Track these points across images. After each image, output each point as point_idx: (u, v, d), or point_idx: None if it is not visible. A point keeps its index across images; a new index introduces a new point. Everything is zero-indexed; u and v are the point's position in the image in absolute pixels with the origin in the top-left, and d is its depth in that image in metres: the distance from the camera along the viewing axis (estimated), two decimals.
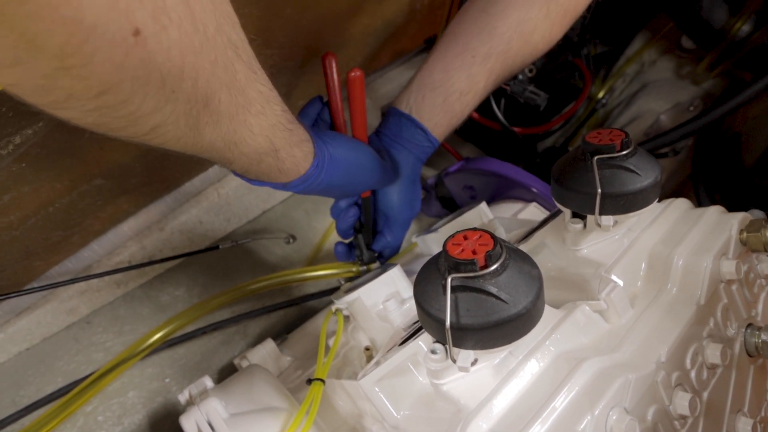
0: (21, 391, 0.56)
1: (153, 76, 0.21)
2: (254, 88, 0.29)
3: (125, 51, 0.20)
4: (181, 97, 0.24)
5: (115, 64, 0.20)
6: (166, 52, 0.21)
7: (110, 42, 0.19)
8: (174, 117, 0.24)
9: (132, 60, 0.20)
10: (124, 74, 0.20)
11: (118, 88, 0.21)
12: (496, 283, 0.26)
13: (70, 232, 0.54)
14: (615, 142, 0.35)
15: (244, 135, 0.30)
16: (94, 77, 0.20)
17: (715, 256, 0.34)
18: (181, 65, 0.22)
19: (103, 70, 0.20)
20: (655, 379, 0.28)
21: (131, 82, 0.21)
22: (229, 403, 0.43)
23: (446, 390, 0.29)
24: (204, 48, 0.23)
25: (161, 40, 0.21)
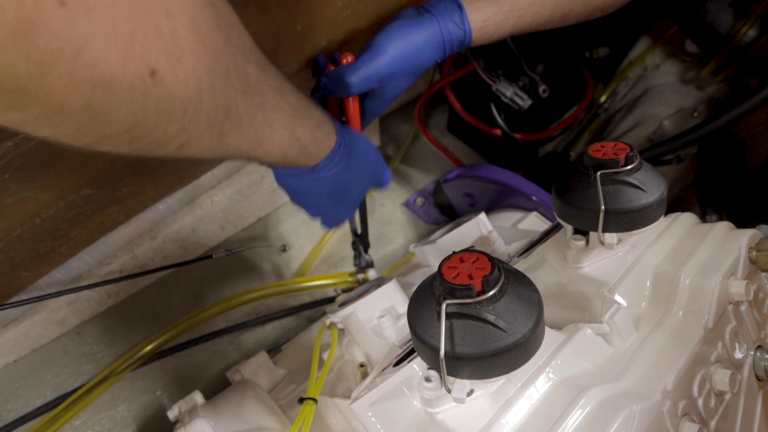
0: (8, 404, 0.55)
1: (174, 105, 0.23)
2: (266, 85, 0.30)
3: (144, 91, 0.21)
4: (202, 114, 0.25)
5: (137, 104, 0.21)
6: (183, 81, 0.22)
7: (130, 87, 0.20)
8: (198, 132, 0.25)
9: (152, 97, 0.21)
10: (146, 110, 0.22)
11: (144, 123, 0.22)
12: (493, 309, 0.25)
13: (57, 243, 0.53)
14: (619, 156, 0.33)
15: (265, 132, 0.31)
16: (121, 119, 0.21)
17: (724, 275, 0.32)
18: (197, 88, 0.23)
19: (128, 112, 0.21)
20: (660, 409, 0.27)
21: (155, 114, 0.22)
22: (218, 422, 0.42)
23: (441, 419, 0.28)
24: (216, 65, 0.24)
25: (177, 73, 0.22)
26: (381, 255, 0.73)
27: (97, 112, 0.20)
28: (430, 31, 0.45)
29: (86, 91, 0.19)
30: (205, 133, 0.26)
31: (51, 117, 0.19)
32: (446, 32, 0.45)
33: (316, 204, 0.46)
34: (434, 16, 0.45)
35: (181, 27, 0.21)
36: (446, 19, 0.45)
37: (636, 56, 0.91)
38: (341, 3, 0.54)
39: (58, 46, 0.17)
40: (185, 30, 0.21)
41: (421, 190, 0.80)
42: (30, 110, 0.19)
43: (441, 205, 0.76)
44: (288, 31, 0.52)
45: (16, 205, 0.43)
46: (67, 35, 0.17)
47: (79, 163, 0.45)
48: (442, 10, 0.45)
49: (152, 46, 0.20)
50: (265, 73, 0.30)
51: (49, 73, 0.17)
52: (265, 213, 0.72)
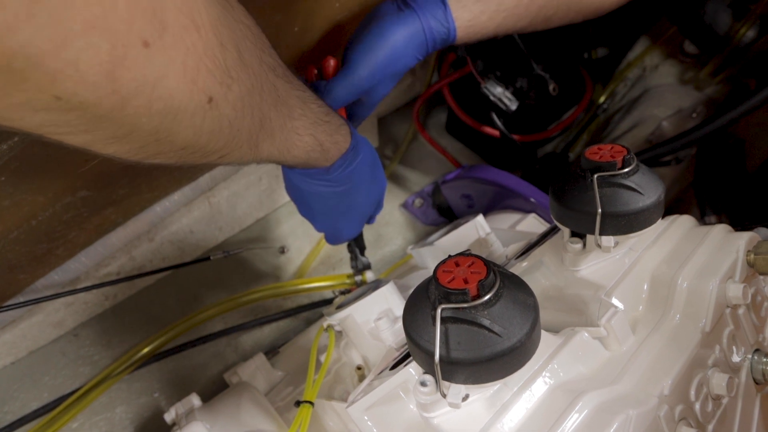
0: (5, 407, 0.55)
1: (222, 124, 0.25)
2: (292, 96, 0.33)
3: (203, 116, 0.23)
4: (243, 130, 0.27)
5: (195, 128, 0.24)
6: (232, 104, 0.25)
7: (192, 114, 0.23)
8: (239, 144, 0.28)
9: (207, 120, 0.24)
10: (202, 131, 0.24)
11: (198, 141, 0.25)
12: (489, 314, 0.25)
13: (55, 245, 0.53)
14: (616, 158, 0.33)
15: (293, 139, 0.34)
16: (179, 140, 0.24)
17: (721, 279, 0.32)
18: (242, 108, 0.26)
19: (186, 135, 0.24)
20: (657, 413, 0.27)
21: (208, 134, 0.25)
22: (214, 425, 0.42)
23: (436, 424, 0.28)
24: (254, 85, 0.27)
25: (228, 98, 0.24)
26: (379, 256, 0.73)
27: (162, 135, 0.23)
28: (412, 29, 0.43)
29: (157, 119, 0.21)
30: (243, 144, 0.28)
31: (121, 139, 0.22)
32: (428, 29, 0.44)
33: (324, 212, 0.46)
34: (415, 11, 0.43)
35: (230, 57, 0.24)
36: (429, 16, 0.43)
37: (635, 57, 0.91)
38: (338, 4, 0.54)
39: (139, 81, 0.19)
40: (233, 59, 0.24)
41: (420, 191, 0.80)
42: (103, 133, 0.21)
43: (439, 206, 0.76)
44: (286, 32, 0.52)
45: (12, 207, 0.43)
46: (148, 71, 0.20)
47: (76, 165, 0.45)
48: (423, 5, 0.44)
49: (211, 76, 0.23)
50: (291, 85, 0.33)
51: (129, 104, 0.20)
52: (263, 214, 0.72)
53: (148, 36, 0.19)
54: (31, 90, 0.17)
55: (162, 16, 0.19)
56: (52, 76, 0.17)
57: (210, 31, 0.22)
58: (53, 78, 0.17)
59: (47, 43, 0.16)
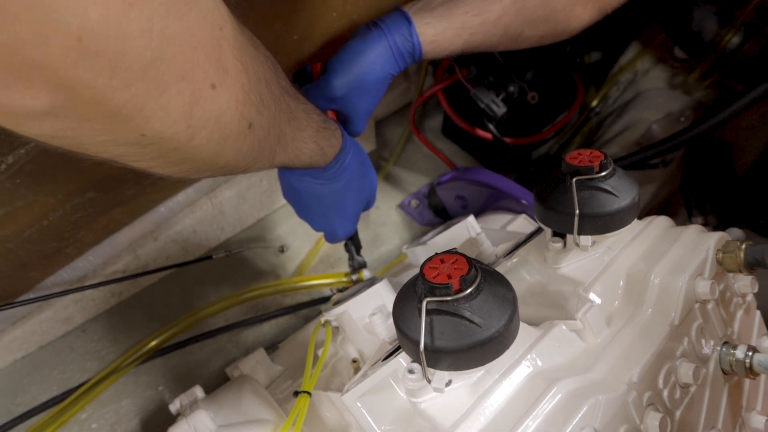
0: (17, 399, 0.57)
1: (255, 145, 0.29)
2: (300, 110, 0.37)
3: (243, 140, 0.27)
4: (267, 145, 0.31)
5: (236, 151, 0.27)
6: (264, 128, 0.29)
7: (236, 140, 0.26)
8: (261, 158, 0.32)
9: (247, 143, 0.28)
10: (240, 153, 0.28)
11: (235, 162, 0.29)
12: (470, 306, 0.27)
13: (64, 244, 0.55)
14: (594, 163, 0.36)
15: (301, 147, 0.39)
16: (223, 161, 0.27)
17: (691, 276, 0.34)
18: (268, 128, 0.30)
19: (229, 156, 0.27)
20: (626, 399, 0.29)
21: (244, 155, 0.29)
22: (217, 414, 0.44)
23: (423, 408, 0.30)
24: (276, 108, 0.30)
25: (262, 123, 0.28)
26: (376, 255, 0.75)
27: (214, 158, 0.26)
28: (379, 46, 0.48)
29: (214, 145, 0.25)
30: (265, 157, 0.32)
31: (180, 163, 0.25)
32: (394, 45, 0.48)
33: (320, 210, 0.50)
34: (382, 30, 0.48)
35: (263, 89, 0.28)
36: (394, 33, 0.48)
37: (627, 61, 0.93)
38: (336, 14, 0.56)
39: (207, 117, 0.23)
40: (265, 90, 0.28)
41: (416, 192, 0.82)
42: (167, 160, 0.25)
43: (435, 207, 0.78)
44: (285, 40, 0.55)
45: (25, 207, 0.46)
46: (214, 108, 0.23)
47: (85, 168, 0.48)
48: (390, 24, 0.48)
49: (253, 107, 0.26)
50: (298, 101, 0.37)
51: (197, 135, 0.23)
52: (263, 215, 0.74)
53: (216, 80, 0.23)
54: (124, 131, 0.21)
55: (225, 63, 0.23)
56: (147, 118, 0.20)
57: (251, 70, 0.26)
58: (147, 120, 0.21)
59: (151, 93, 0.20)
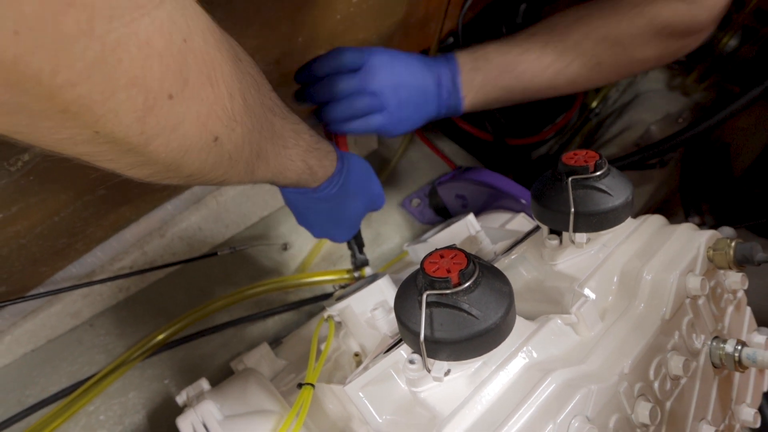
0: (27, 390, 0.59)
1: (224, 157, 0.29)
2: (287, 129, 0.38)
3: (208, 152, 0.28)
4: (241, 160, 0.31)
5: (201, 161, 0.28)
6: (234, 143, 0.29)
7: (199, 151, 0.27)
8: (236, 172, 0.32)
9: (212, 156, 0.28)
10: (207, 163, 0.28)
11: (202, 171, 0.29)
12: (468, 299, 0.28)
13: (74, 240, 0.56)
14: (589, 163, 0.37)
15: (286, 165, 0.39)
16: (187, 170, 0.28)
17: (682, 272, 0.35)
18: (241, 143, 0.30)
19: (193, 166, 0.28)
20: (617, 389, 0.30)
21: (211, 165, 0.29)
22: (223, 405, 0.45)
23: (423, 397, 0.31)
24: (255, 125, 0.31)
25: (231, 138, 0.29)
26: (378, 253, 0.77)
27: (173, 166, 0.27)
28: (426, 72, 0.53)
29: (173, 153, 0.26)
30: (241, 171, 0.33)
31: (141, 167, 0.26)
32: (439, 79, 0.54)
33: (318, 222, 0.52)
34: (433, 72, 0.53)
35: (236, 105, 0.28)
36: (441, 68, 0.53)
37: None
38: (340, 16, 0.57)
39: (162, 126, 0.24)
40: (239, 106, 0.28)
41: (417, 191, 0.83)
42: (127, 162, 0.25)
43: (435, 206, 0.79)
44: (290, 43, 0.56)
45: (38, 204, 0.47)
46: (170, 118, 0.24)
47: (96, 167, 0.49)
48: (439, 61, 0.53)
49: (219, 121, 0.27)
50: (286, 120, 0.38)
51: (152, 142, 0.24)
52: (267, 213, 0.76)
53: (173, 90, 0.23)
54: (77, 128, 0.21)
55: (186, 74, 0.23)
56: (96, 118, 0.21)
57: (222, 85, 0.26)
58: (97, 120, 0.21)
59: (98, 95, 0.20)
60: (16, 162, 0.39)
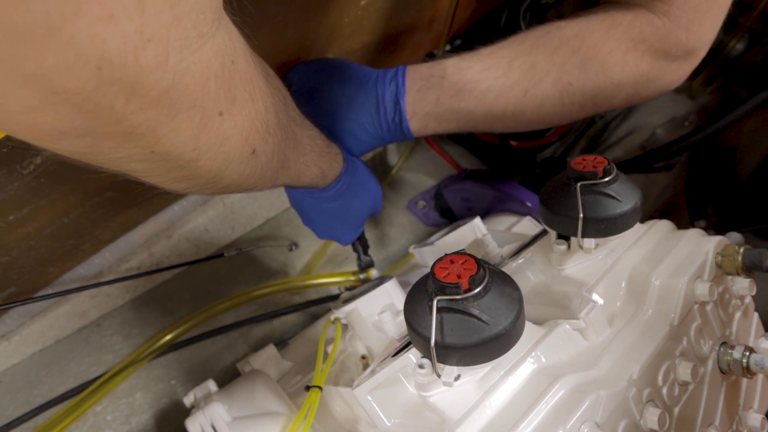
0: (34, 390, 0.59)
1: (257, 169, 0.31)
2: (305, 136, 0.39)
3: (246, 164, 0.29)
4: (270, 170, 0.33)
5: (239, 173, 0.29)
6: (268, 155, 0.30)
7: (239, 164, 0.28)
8: (263, 180, 0.33)
9: (249, 168, 0.29)
10: (243, 175, 0.30)
11: (238, 183, 0.30)
12: (478, 305, 0.29)
13: (82, 241, 0.57)
14: (598, 169, 0.37)
15: (303, 170, 0.40)
16: (225, 182, 0.29)
17: (690, 278, 0.36)
18: (273, 154, 0.31)
19: (231, 178, 0.29)
20: (626, 395, 0.30)
21: (245, 178, 0.30)
22: (231, 406, 0.45)
23: (432, 402, 0.31)
24: (282, 136, 0.32)
25: (266, 150, 0.30)
26: (383, 255, 0.77)
27: (216, 179, 0.28)
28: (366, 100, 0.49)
29: (217, 167, 0.27)
30: (267, 179, 0.34)
31: (184, 180, 0.27)
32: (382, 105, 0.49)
33: (323, 221, 0.52)
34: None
35: (271, 118, 0.29)
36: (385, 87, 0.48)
37: None
38: (347, 19, 0.57)
39: (213, 141, 0.25)
40: (272, 119, 0.30)
41: (422, 193, 0.83)
42: (173, 176, 0.26)
43: (441, 208, 0.80)
44: (298, 46, 0.56)
45: (48, 205, 0.47)
46: (220, 133, 0.25)
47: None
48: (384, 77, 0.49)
49: (258, 134, 0.28)
50: (303, 128, 0.39)
51: (202, 157, 0.25)
52: (273, 214, 0.76)
53: (224, 108, 0.24)
54: (138, 148, 0.22)
55: (234, 93, 0.24)
56: (158, 139, 0.22)
57: (260, 100, 0.27)
58: (158, 140, 0.22)
59: (164, 117, 0.21)
60: (28, 165, 0.39)
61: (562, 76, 0.46)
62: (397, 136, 0.49)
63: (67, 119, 0.20)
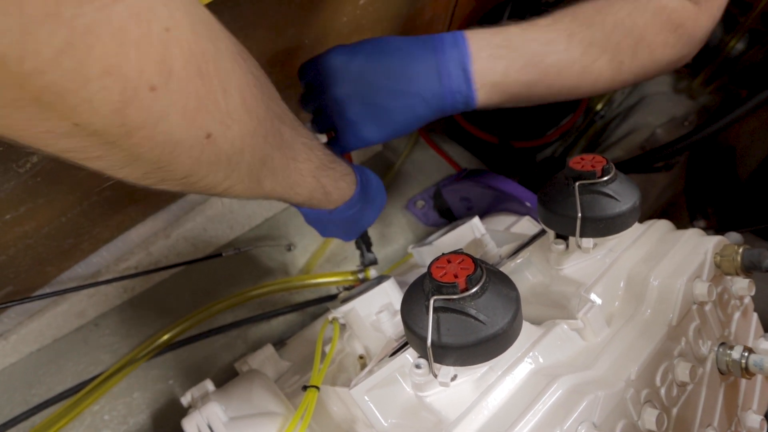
0: (32, 390, 0.59)
1: (220, 158, 0.28)
2: (298, 142, 0.36)
3: (200, 149, 0.26)
4: (243, 165, 0.30)
5: (193, 159, 0.26)
6: (230, 142, 0.28)
7: (190, 147, 0.25)
8: (239, 179, 0.31)
9: (206, 154, 0.27)
10: (201, 163, 0.27)
11: (197, 172, 0.28)
12: (475, 305, 0.28)
13: (80, 240, 0.57)
14: (596, 168, 0.37)
15: (296, 179, 0.37)
16: (179, 170, 0.26)
17: (689, 278, 0.35)
18: (241, 146, 0.29)
19: (185, 165, 0.26)
20: (624, 395, 0.30)
21: (206, 166, 0.27)
22: (228, 406, 0.45)
23: (429, 402, 0.31)
24: (257, 128, 0.29)
25: (227, 136, 0.27)
26: (382, 255, 0.77)
27: (163, 163, 0.25)
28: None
29: (159, 149, 0.24)
30: (245, 179, 0.31)
31: (129, 165, 0.25)
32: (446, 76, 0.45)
33: (328, 229, 0.51)
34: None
35: (232, 102, 0.26)
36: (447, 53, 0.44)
37: None
38: (346, 18, 0.57)
39: (144, 118, 0.22)
40: (236, 104, 0.27)
41: (421, 193, 0.83)
42: (114, 159, 0.24)
43: (440, 208, 0.79)
44: (297, 45, 0.56)
45: (46, 205, 0.47)
46: (153, 110, 0.22)
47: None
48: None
49: (210, 116, 0.25)
50: (297, 132, 0.36)
51: (134, 135, 0.23)
52: (271, 214, 0.76)
53: (156, 82, 0.22)
54: (54, 119, 0.21)
55: (170, 65, 0.22)
56: (72, 108, 0.20)
57: (215, 80, 0.25)
58: (73, 110, 0.20)
59: (70, 83, 0.20)
60: (24, 163, 0.39)
61: (616, 55, 0.46)
62: (458, 106, 0.46)
63: None
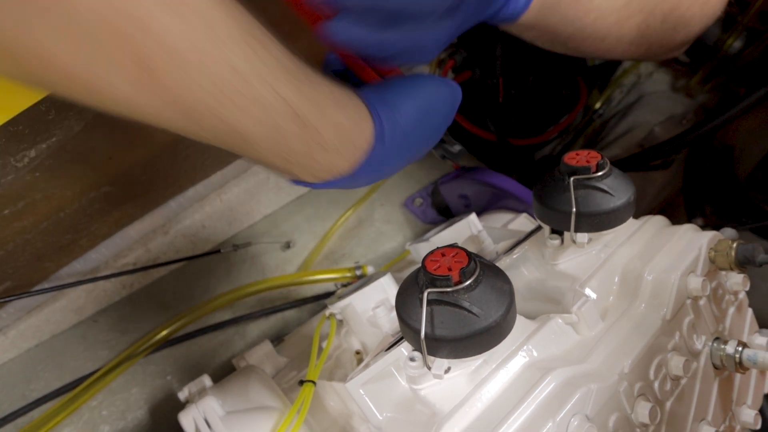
0: (30, 385, 0.59)
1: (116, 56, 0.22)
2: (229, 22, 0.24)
3: (67, 32, 0.21)
4: (150, 63, 0.23)
5: (76, 53, 0.21)
6: None
7: (56, 26, 0.20)
8: (153, 86, 0.24)
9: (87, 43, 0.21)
10: (79, 58, 0.22)
11: (86, 79, 0.22)
12: (469, 297, 0.29)
13: (78, 236, 0.57)
14: (591, 163, 0.37)
15: (228, 84, 0.24)
16: (58, 62, 0.22)
17: (683, 273, 0.36)
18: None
19: (64, 59, 0.22)
20: (617, 389, 0.30)
21: (85, 63, 0.22)
22: (225, 401, 0.45)
23: (423, 395, 0.31)
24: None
25: None
26: (380, 252, 0.77)
27: (26, 49, 0.20)
28: None
29: (24, 28, 0.20)
30: (168, 88, 0.23)
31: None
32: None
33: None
34: None
35: None
36: None
37: (630, 64, 0.94)
38: None
39: None
40: None
41: (420, 190, 0.83)
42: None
43: (438, 205, 0.80)
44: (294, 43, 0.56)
45: (43, 200, 0.47)
46: None
47: (101, 163, 0.49)
48: None
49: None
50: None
51: None
52: (270, 211, 0.76)
53: None
54: None
55: None
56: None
57: None
58: None
59: None
60: (22, 158, 0.39)
61: (647, 18, 0.44)
62: (503, 14, 0.39)
63: None
